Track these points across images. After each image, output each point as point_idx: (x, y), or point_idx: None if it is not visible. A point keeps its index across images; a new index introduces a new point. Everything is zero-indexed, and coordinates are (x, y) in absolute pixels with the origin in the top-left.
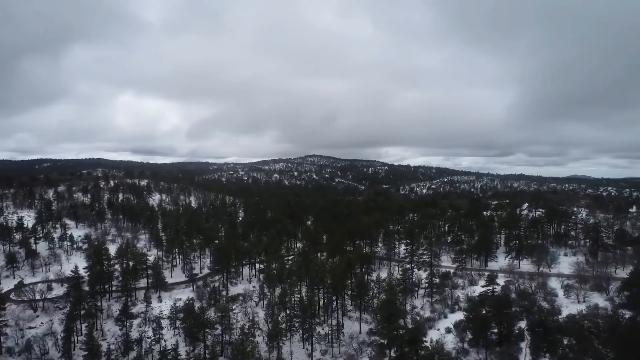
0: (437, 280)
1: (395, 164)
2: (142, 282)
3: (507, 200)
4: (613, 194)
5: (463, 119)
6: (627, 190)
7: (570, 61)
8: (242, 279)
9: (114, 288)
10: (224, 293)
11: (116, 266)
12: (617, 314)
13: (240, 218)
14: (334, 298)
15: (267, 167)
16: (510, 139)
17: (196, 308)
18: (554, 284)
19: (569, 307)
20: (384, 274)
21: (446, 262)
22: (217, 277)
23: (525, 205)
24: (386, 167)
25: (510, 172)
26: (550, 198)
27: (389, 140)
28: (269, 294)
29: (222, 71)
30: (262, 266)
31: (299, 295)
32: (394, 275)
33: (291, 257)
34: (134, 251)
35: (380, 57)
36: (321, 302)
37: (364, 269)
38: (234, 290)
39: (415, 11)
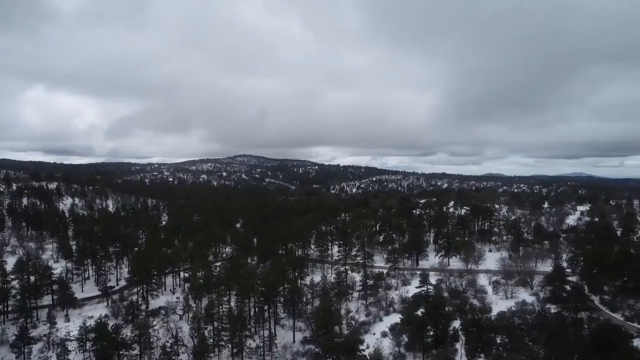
0: (371, 282)
1: (326, 163)
2: (47, 299)
3: (435, 199)
4: (526, 190)
5: (390, 120)
6: (537, 187)
7: (488, 66)
8: (165, 290)
9: (9, 308)
10: (143, 307)
11: (14, 282)
12: (544, 309)
13: (164, 222)
14: (265, 307)
15: (194, 168)
16: (433, 139)
17: (110, 326)
18: (483, 280)
19: (498, 303)
20: (317, 278)
21: (379, 263)
22: (136, 290)
23: (452, 203)
24: (317, 167)
25: (434, 171)
26: (474, 196)
27: (319, 140)
28: (194, 305)
29: (145, 66)
30: (187, 275)
31: (227, 306)
32: (328, 278)
33: (219, 263)
34: (37, 263)
35: (311, 57)
36: (252, 312)
37: (297, 274)
38: (156, 303)
39: (344, 12)
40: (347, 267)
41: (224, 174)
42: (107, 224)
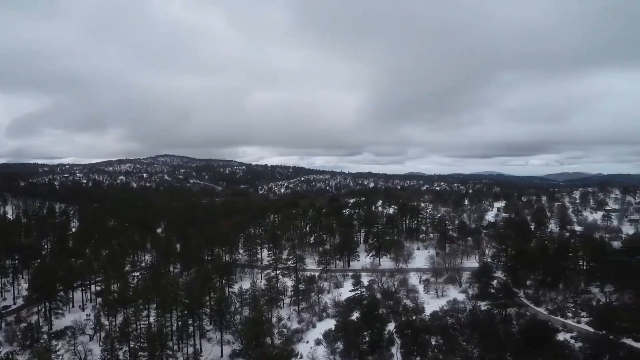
0: (303, 286)
1: (253, 163)
2: None
3: (363, 198)
4: (446, 188)
5: (318, 120)
6: (455, 184)
7: (410, 70)
8: (73, 307)
9: None
10: (45, 329)
11: None
12: (475, 307)
13: (73, 229)
14: (189, 320)
15: (111, 169)
16: (359, 139)
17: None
18: (414, 279)
19: (430, 303)
20: (247, 285)
21: (311, 265)
22: (36, 308)
23: (380, 202)
24: (244, 167)
25: (360, 170)
26: (400, 195)
27: (246, 140)
28: (107, 323)
29: (54, 59)
30: (99, 288)
31: (146, 322)
32: (258, 284)
33: (138, 273)
34: None
35: (238, 56)
36: (174, 327)
37: (224, 281)
38: (61, 323)
39: (271, 11)
40: (277, 272)
41: (145, 175)
42: (3, 232)
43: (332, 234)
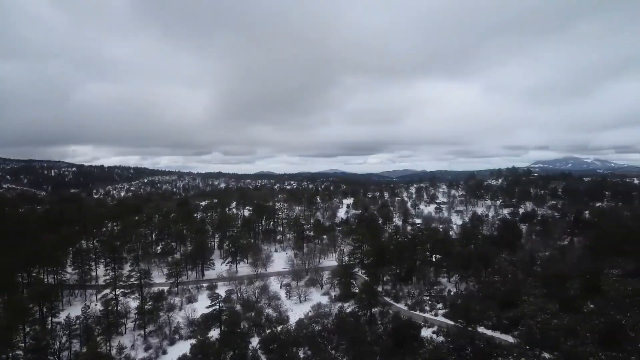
0: (150, 305)
1: (86, 164)
2: None
3: (216, 200)
4: (296, 187)
5: (161, 117)
6: (305, 183)
7: (261, 69)
8: None
9: None
10: None
11: None
12: (341, 311)
13: None
14: None
15: None
16: (208, 138)
17: None
18: (275, 284)
19: (294, 310)
20: (77, 311)
21: (159, 279)
22: None
23: (234, 203)
24: (74, 169)
25: (209, 171)
26: (255, 195)
27: (76, 138)
28: None
29: None
30: None
31: None
32: (92, 309)
33: None
34: None
35: (62, 41)
36: None
37: (45, 310)
38: None
39: None
40: (117, 291)
41: None
42: None
43: (182, 241)
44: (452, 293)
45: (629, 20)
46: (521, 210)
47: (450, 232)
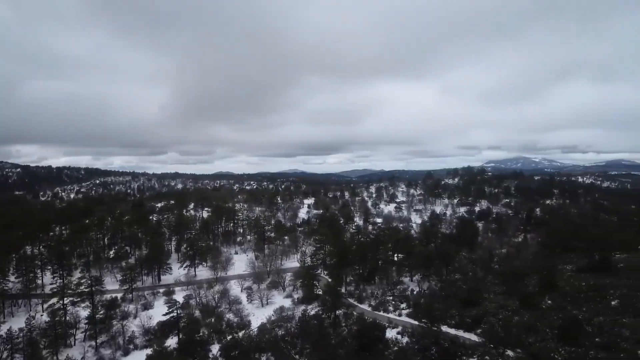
0: (102, 314)
1: (32, 165)
2: None
3: (173, 202)
4: (256, 187)
5: (114, 116)
6: (265, 183)
7: (220, 67)
8: None
9: None
10: None
11: None
12: (305, 314)
13: None
14: None
15: None
16: (164, 137)
17: None
18: (235, 288)
19: (255, 314)
20: (20, 323)
21: (112, 286)
22: None
23: (192, 205)
24: (19, 170)
25: (165, 171)
26: (214, 196)
27: (20, 137)
28: None
29: None
30: None
31: None
32: (38, 320)
33: None
34: None
35: (5, 36)
36: None
37: None
38: None
39: None
40: (66, 300)
41: None
42: None
43: (137, 245)
44: (415, 292)
45: (577, 27)
46: (477, 209)
47: (411, 231)
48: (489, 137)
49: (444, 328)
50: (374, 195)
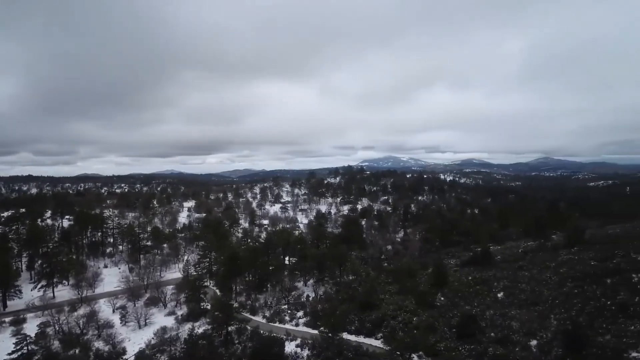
0: None
1: None
2: None
3: (24, 210)
4: (128, 190)
5: None
6: (138, 185)
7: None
8: None
9: None
10: None
11: None
12: (192, 335)
13: None
14: None
15: None
16: (13, 135)
17: None
18: (106, 309)
19: (132, 338)
20: None
21: None
22: None
23: (49, 213)
24: None
25: (15, 174)
26: (77, 201)
27: None
28: None
29: None
30: None
31: None
32: None
33: None
34: None
35: None
36: None
37: None
38: None
39: None
40: None
41: None
42: None
43: None
44: (310, 298)
45: (440, 37)
46: (359, 207)
47: (300, 232)
48: (363, 138)
49: (345, 335)
50: (258, 196)
